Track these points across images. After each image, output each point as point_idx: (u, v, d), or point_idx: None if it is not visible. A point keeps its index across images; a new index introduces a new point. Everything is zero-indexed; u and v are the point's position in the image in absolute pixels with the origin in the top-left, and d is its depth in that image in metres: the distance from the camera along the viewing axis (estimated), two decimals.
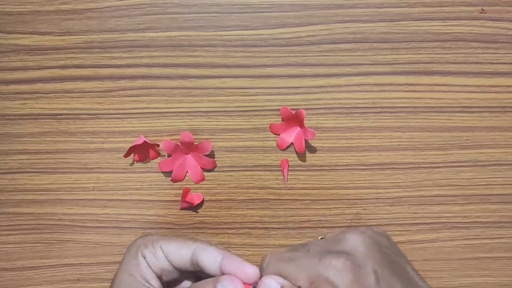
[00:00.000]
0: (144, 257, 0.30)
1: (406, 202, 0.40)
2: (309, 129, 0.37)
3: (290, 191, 0.40)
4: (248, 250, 0.40)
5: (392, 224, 0.40)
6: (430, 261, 0.40)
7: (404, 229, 0.40)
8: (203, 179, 0.40)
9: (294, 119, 0.38)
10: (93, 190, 0.40)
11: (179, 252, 0.30)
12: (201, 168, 0.40)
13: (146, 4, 0.38)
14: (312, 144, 0.40)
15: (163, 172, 0.40)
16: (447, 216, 0.40)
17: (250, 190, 0.40)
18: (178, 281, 0.32)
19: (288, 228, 0.40)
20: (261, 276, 0.28)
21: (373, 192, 0.40)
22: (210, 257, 0.29)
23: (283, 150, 0.40)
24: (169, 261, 0.30)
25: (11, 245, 0.41)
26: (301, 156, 0.40)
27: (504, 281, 0.41)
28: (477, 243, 0.40)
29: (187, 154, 0.40)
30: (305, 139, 0.38)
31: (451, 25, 0.39)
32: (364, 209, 0.40)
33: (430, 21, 0.39)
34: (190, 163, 0.40)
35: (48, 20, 0.39)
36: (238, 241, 0.40)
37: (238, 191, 0.40)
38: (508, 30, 0.39)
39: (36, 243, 0.41)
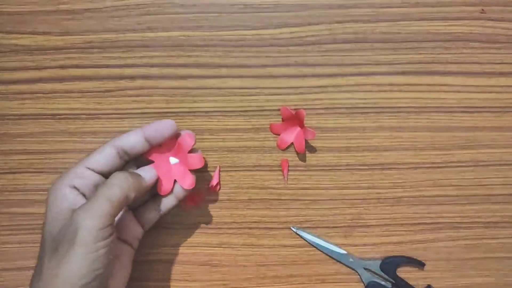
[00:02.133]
0: (72, 186, 0.30)
1: (406, 202, 0.40)
2: (309, 129, 0.37)
3: (290, 191, 0.40)
4: (248, 250, 0.40)
5: (392, 224, 0.40)
6: (430, 261, 0.40)
7: (404, 229, 0.40)
8: (193, 184, 0.36)
9: (294, 119, 0.38)
10: None
11: (104, 157, 0.31)
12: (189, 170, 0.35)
13: (146, 4, 0.38)
14: (312, 144, 0.40)
15: None
16: (448, 216, 0.40)
17: (250, 190, 0.40)
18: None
19: (288, 228, 0.40)
20: None
21: (374, 192, 0.40)
22: (132, 137, 0.32)
23: (283, 150, 0.40)
24: (98, 171, 0.31)
25: (11, 245, 0.41)
26: (301, 156, 0.40)
27: (504, 281, 0.41)
28: (477, 243, 0.40)
29: (168, 156, 0.35)
30: (305, 139, 0.38)
31: (451, 25, 0.39)
32: (364, 209, 0.40)
33: (430, 21, 0.39)
34: (176, 169, 0.36)
35: (48, 20, 0.39)
36: (238, 241, 0.40)
37: (238, 191, 0.40)
38: (508, 30, 0.39)
39: (37, 243, 0.41)
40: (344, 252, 0.39)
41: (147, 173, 0.32)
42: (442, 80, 0.39)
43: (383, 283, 0.38)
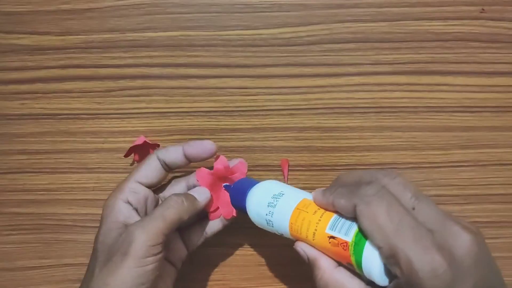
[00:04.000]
0: (126, 201, 0.32)
1: None
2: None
3: None
4: (248, 250, 0.40)
5: None
6: None
7: None
8: (234, 214, 0.36)
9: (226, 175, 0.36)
10: (93, 190, 0.40)
11: (151, 172, 0.33)
12: None
13: (146, 4, 0.38)
14: (312, 144, 0.40)
15: None
16: None
17: None
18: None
19: None
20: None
21: None
22: (173, 153, 0.33)
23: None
24: (148, 186, 0.33)
25: (11, 245, 0.41)
26: (301, 156, 0.40)
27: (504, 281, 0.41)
28: None
29: (221, 182, 0.36)
30: None
31: (451, 25, 0.39)
32: None
33: (430, 21, 0.39)
34: (223, 197, 0.36)
35: (48, 20, 0.39)
36: (238, 241, 0.40)
37: None
38: (508, 30, 0.39)
39: (36, 243, 0.41)
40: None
41: (201, 195, 0.34)
42: (442, 79, 0.39)
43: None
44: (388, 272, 0.24)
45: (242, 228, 0.40)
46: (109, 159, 0.40)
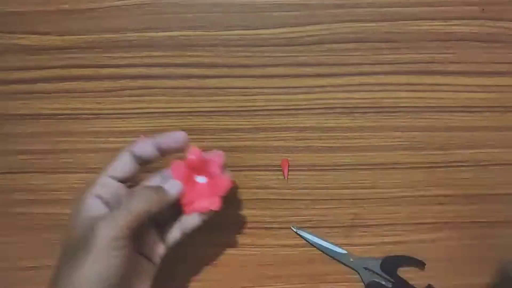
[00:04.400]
0: (97, 195, 0.31)
1: (406, 202, 0.40)
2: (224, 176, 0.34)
3: (290, 191, 0.40)
4: (248, 250, 0.40)
5: (392, 224, 0.40)
6: (430, 261, 0.40)
7: (404, 229, 0.40)
8: (220, 206, 0.34)
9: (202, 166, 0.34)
10: None
11: (122, 166, 0.32)
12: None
13: (146, 4, 0.38)
14: (312, 144, 0.40)
15: None
16: (448, 216, 0.40)
17: (250, 190, 0.40)
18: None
19: (288, 228, 0.40)
20: None
21: (374, 192, 0.40)
22: (144, 146, 0.33)
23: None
24: (118, 180, 0.32)
25: (11, 245, 0.41)
26: (301, 156, 0.40)
27: None
28: (477, 242, 0.40)
29: (194, 175, 0.34)
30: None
31: (452, 25, 0.39)
32: (364, 209, 0.40)
33: (431, 21, 0.39)
34: (202, 189, 0.34)
35: (48, 20, 0.39)
36: (238, 241, 0.40)
37: (238, 191, 0.40)
38: (508, 30, 0.39)
39: (37, 243, 0.41)
40: (345, 251, 0.39)
41: (172, 188, 0.33)
42: (442, 79, 0.39)
43: (383, 283, 0.38)
44: None
45: (242, 228, 0.40)
46: (109, 159, 0.40)
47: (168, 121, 0.39)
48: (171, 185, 0.33)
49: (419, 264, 0.39)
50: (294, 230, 0.39)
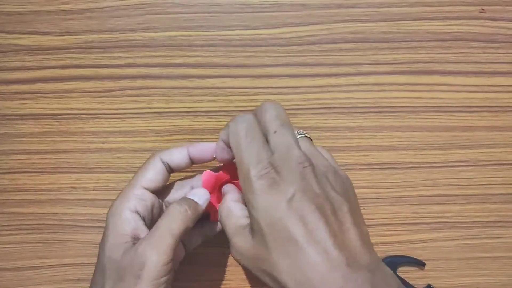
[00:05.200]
0: (134, 210, 0.30)
1: (406, 202, 0.40)
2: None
3: None
4: None
5: (392, 223, 0.40)
6: (430, 261, 0.40)
7: (404, 228, 0.40)
8: None
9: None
10: (93, 190, 0.40)
11: (156, 175, 0.32)
12: None
13: (146, 4, 0.38)
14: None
15: None
16: (447, 216, 0.40)
17: None
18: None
19: None
20: None
21: (373, 191, 0.40)
22: (177, 155, 0.32)
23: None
24: (153, 191, 0.32)
25: (11, 245, 0.41)
26: None
27: (504, 281, 0.41)
28: (477, 242, 0.40)
29: (221, 184, 0.35)
30: None
31: (451, 25, 0.39)
32: (364, 209, 0.40)
33: (430, 21, 0.39)
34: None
35: (48, 20, 0.39)
36: None
37: None
38: (508, 30, 0.39)
39: (37, 243, 0.41)
40: None
41: (201, 198, 0.32)
42: (441, 79, 0.39)
43: None
44: None
45: None
46: (109, 159, 0.40)
47: (167, 121, 0.39)
48: (200, 195, 0.32)
49: (419, 264, 0.39)
50: None
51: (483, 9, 0.39)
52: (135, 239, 0.30)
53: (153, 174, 0.32)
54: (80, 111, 0.40)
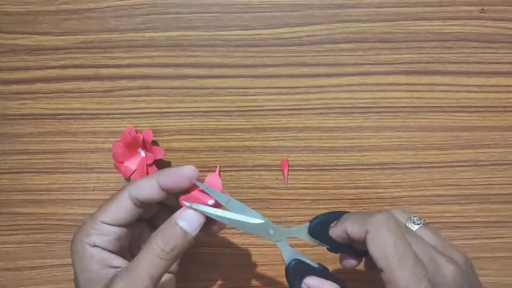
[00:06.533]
0: (94, 245, 0.28)
1: (406, 202, 0.40)
2: (157, 147, 0.38)
3: (290, 191, 0.40)
4: (248, 250, 0.40)
5: None
6: None
7: None
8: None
9: (136, 142, 0.38)
10: (93, 190, 0.40)
11: (118, 211, 0.29)
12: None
13: (146, 4, 0.38)
14: (312, 144, 0.40)
15: None
16: (447, 216, 0.40)
17: (250, 190, 0.40)
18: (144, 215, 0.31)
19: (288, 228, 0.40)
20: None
21: (373, 191, 0.40)
22: (146, 188, 0.28)
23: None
24: (118, 226, 0.29)
25: (12, 245, 0.41)
26: (301, 156, 0.40)
27: (504, 281, 0.41)
28: (477, 242, 0.40)
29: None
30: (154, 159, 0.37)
31: (451, 25, 0.39)
32: (364, 209, 0.40)
33: (430, 21, 0.39)
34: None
35: (48, 20, 0.39)
36: (238, 241, 0.40)
37: (238, 191, 0.40)
38: (508, 30, 0.39)
39: (37, 243, 0.41)
40: (261, 221, 0.30)
41: (192, 225, 0.28)
42: (441, 79, 0.39)
43: (308, 261, 0.31)
44: None
45: None
46: (109, 159, 0.40)
47: (167, 121, 0.39)
48: (192, 223, 0.28)
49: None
50: (188, 205, 0.29)
51: (483, 9, 0.39)
52: (111, 267, 0.28)
53: (116, 210, 0.29)
54: (80, 111, 0.40)
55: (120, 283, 0.26)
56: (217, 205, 0.29)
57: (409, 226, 0.30)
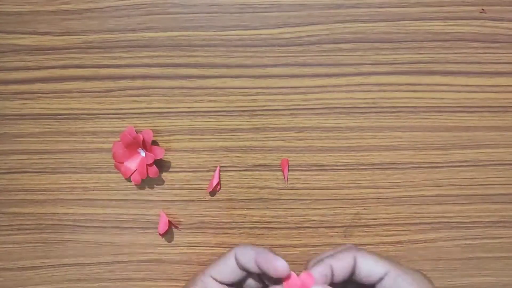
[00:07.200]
0: None
1: (406, 202, 0.40)
2: (157, 147, 0.38)
3: (290, 191, 0.40)
4: None
5: (392, 224, 0.40)
6: (430, 261, 0.40)
7: (404, 229, 0.40)
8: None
9: (136, 142, 0.38)
10: (93, 190, 0.40)
11: (225, 269, 0.31)
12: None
13: (146, 4, 0.38)
14: (312, 144, 0.40)
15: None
16: (447, 216, 0.40)
17: (250, 190, 0.40)
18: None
19: (288, 228, 0.40)
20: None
21: (374, 192, 0.40)
22: (246, 258, 0.30)
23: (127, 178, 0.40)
24: (222, 283, 0.31)
25: (11, 245, 0.41)
26: (301, 156, 0.40)
27: (504, 281, 0.41)
28: (477, 242, 0.40)
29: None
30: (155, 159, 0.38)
31: (451, 25, 0.39)
32: (364, 209, 0.40)
33: (430, 21, 0.39)
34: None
35: (48, 20, 0.39)
36: (238, 241, 0.40)
37: (238, 191, 0.40)
38: (508, 30, 0.39)
39: (37, 243, 0.41)
40: None
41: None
42: (442, 80, 0.39)
43: None
44: None
45: (242, 228, 0.40)
46: (109, 159, 0.40)
47: (167, 121, 0.39)
48: None
49: None
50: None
51: (483, 9, 0.39)
52: None
53: (223, 266, 0.31)
54: (80, 111, 0.40)
55: None
56: None
57: None
